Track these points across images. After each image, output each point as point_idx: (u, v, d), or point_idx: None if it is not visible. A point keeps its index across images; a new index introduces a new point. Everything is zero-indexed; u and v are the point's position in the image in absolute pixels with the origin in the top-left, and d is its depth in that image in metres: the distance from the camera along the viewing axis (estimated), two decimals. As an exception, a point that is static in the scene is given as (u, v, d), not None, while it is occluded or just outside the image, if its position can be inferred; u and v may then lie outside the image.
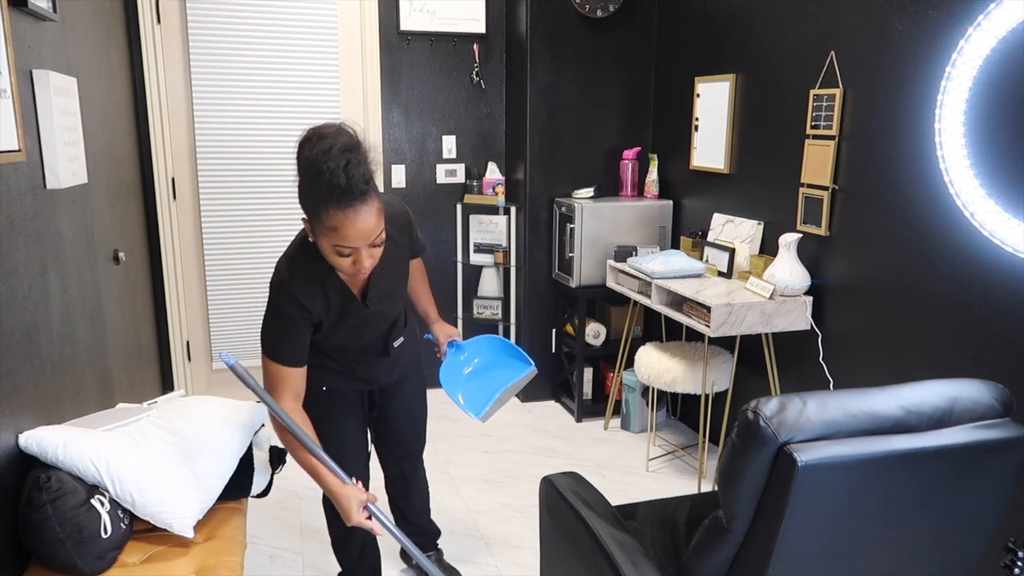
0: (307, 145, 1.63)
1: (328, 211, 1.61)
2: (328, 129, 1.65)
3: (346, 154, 1.59)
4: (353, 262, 1.69)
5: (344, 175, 1.57)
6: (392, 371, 2.20)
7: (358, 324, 1.97)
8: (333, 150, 1.58)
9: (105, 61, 3.06)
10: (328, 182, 1.57)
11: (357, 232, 1.63)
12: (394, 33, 3.98)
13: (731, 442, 1.45)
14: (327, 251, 1.69)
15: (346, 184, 1.57)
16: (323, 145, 1.59)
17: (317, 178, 1.59)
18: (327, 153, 1.58)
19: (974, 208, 2.19)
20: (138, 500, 1.89)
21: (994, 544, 1.62)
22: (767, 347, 3.10)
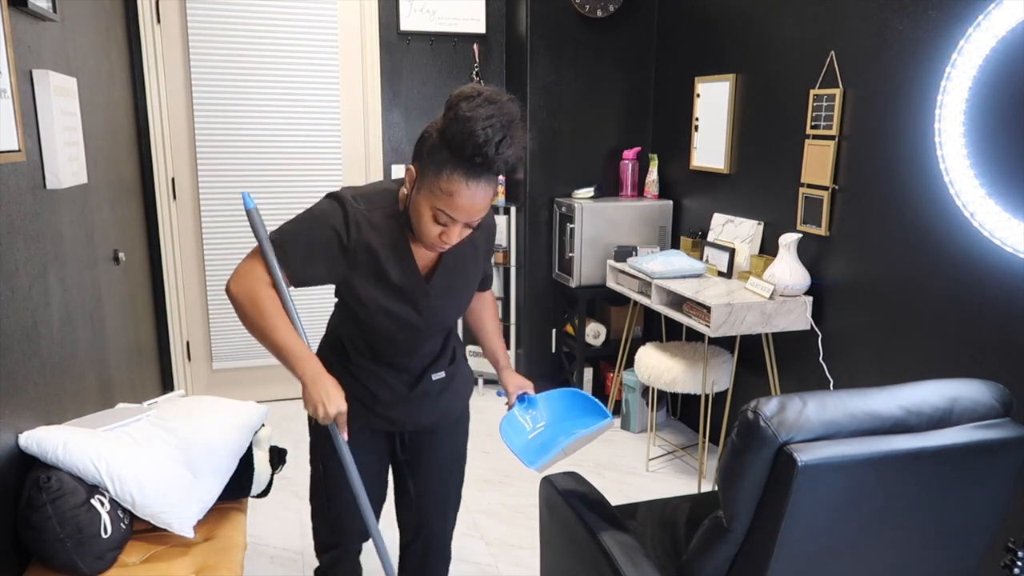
0: (469, 101, 1.44)
1: (453, 174, 1.45)
2: (498, 96, 1.47)
3: (506, 129, 1.44)
4: (441, 234, 1.53)
5: (494, 149, 1.43)
6: (422, 410, 1.82)
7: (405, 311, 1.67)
8: (495, 119, 1.43)
9: (105, 61, 3.06)
10: (474, 148, 1.42)
11: (470, 206, 1.49)
12: (394, 33, 3.98)
13: (731, 442, 1.45)
14: (421, 211, 1.52)
15: (490, 160, 1.44)
16: (488, 110, 1.43)
17: (464, 138, 1.42)
18: (490, 120, 1.42)
19: (974, 208, 2.19)
20: (138, 500, 1.89)
21: (994, 544, 1.62)
22: (767, 347, 3.10)
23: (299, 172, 3.95)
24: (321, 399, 1.52)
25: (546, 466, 1.82)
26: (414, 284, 1.65)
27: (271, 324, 1.54)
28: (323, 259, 1.58)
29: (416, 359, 1.78)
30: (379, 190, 1.64)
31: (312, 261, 1.58)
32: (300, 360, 1.53)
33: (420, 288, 1.66)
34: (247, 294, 1.55)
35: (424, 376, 1.80)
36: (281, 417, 3.94)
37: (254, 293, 1.54)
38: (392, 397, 1.78)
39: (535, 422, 1.94)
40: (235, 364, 4.07)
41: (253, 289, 1.55)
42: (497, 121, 1.43)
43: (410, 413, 1.81)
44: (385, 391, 1.77)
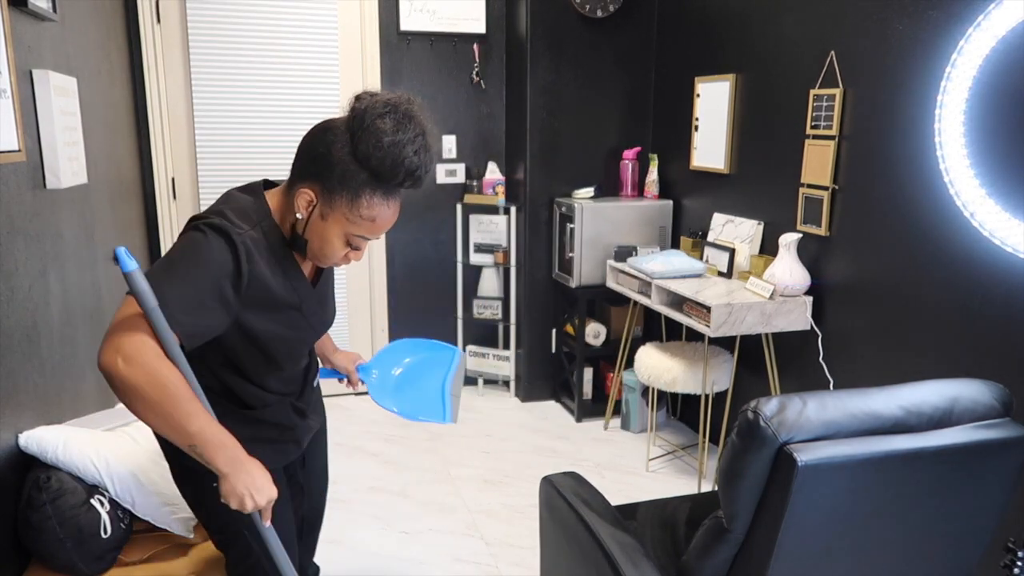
0: (387, 119, 1.33)
1: (374, 198, 1.36)
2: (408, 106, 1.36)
3: (428, 149, 1.37)
4: (347, 254, 1.46)
5: (423, 171, 1.37)
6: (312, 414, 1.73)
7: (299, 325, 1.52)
8: (419, 139, 1.35)
9: (105, 61, 3.06)
10: (405, 173, 1.34)
11: (388, 225, 1.43)
12: (394, 33, 3.98)
13: (731, 442, 1.45)
14: (328, 236, 1.40)
15: (420, 181, 1.38)
16: (413, 129, 1.34)
17: (393, 164, 1.33)
18: (415, 141, 1.34)
19: (974, 208, 2.19)
20: (138, 500, 1.89)
21: (994, 544, 1.62)
22: (767, 347, 3.10)
23: (299, 172, 3.94)
24: (248, 490, 1.28)
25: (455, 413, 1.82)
26: (305, 297, 1.50)
27: (185, 411, 1.23)
28: (216, 307, 1.31)
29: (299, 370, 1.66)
30: (240, 209, 1.41)
31: (204, 313, 1.29)
32: (221, 449, 1.26)
33: (309, 298, 1.52)
34: (149, 378, 1.20)
35: (308, 377, 1.70)
36: (281, 417, 3.94)
37: (158, 375, 1.21)
38: (297, 418, 1.64)
39: (387, 373, 1.90)
40: (235, 364, 4.07)
41: (155, 370, 1.21)
42: (422, 140, 1.36)
43: (308, 424, 1.70)
44: (293, 416, 1.63)
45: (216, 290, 1.30)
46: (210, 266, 1.30)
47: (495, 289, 4.34)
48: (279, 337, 1.46)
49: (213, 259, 1.30)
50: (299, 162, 1.42)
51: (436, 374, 1.90)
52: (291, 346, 1.51)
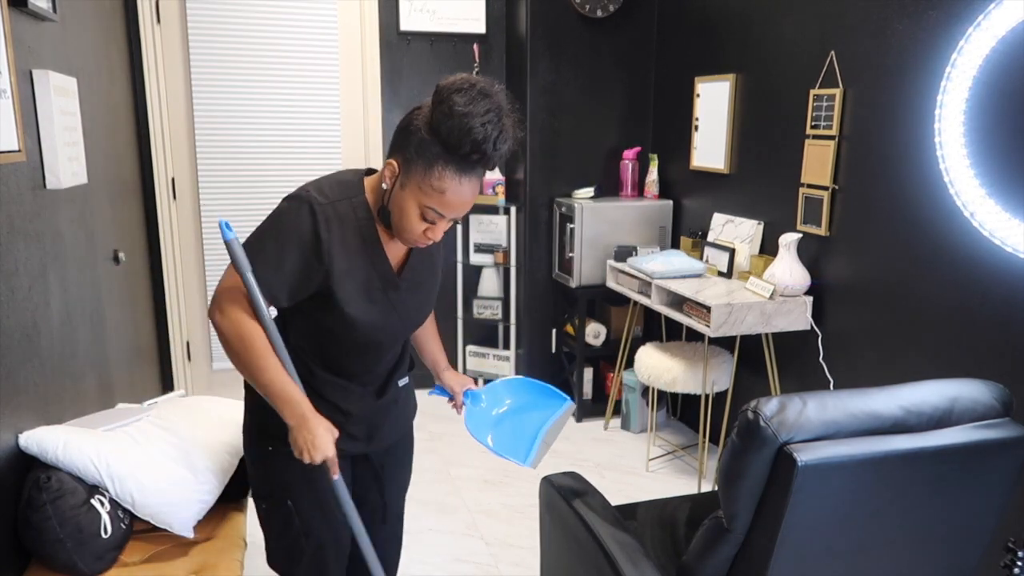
0: (463, 94, 1.37)
1: (446, 171, 1.38)
2: (490, 88, 1.40)
3: (502, 124, 1.38)
4: (426, 230, 1.46)
5: (492, 146, 1.37)
6: (387, 421, 1.72)
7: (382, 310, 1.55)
8: (492, 114, 1.36)
9: (105, 61, 3.06)
10: (472, 145, 1.35)
11: (461, 203, 1.43)
12: (394, 33, 3.98)
13: (731, 442, 1.45)
14: (406, 208, 1.43)
15: (488, 157, 1.38)
16: (484, 104, 1.36)
17: (461, 135, 1.35)
18: (487, 115, 1.36)
19: (974, 208, 2.19)
20: (138, 500, 1.89)
21: (994, 544, 1.62)
22: (767, 347, 3.10)
23: (299, 172, 3.95)
24: (307, 445, 1.42)
25: (537, 459, 1.75)
26: (386, 280, 1.55)
27: (259, 364, 1.43)
28: (303, 274, 1.45)
29: (382, 365, 1.66)
30: (338, 181, 1.52)
31: (292, 281, 1.45)
32: (288, 404, 1.43)
33: (392, 283, 1.56)
34: (235, 331, 1.43)
35: (390, 382, 1.69)
36: (281, 417, 3.94)
37: (241, 330, 1.43)
38: (361, 410, 1.64)
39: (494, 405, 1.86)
40: (235, 364, 4.07)
41: (240, 325, 1.43)
42: (494, 116, 1.37)
43: (376, 427, 1.69)
44: (354, 404, 1.63)
45: (297, 255, 1.43)
46: (290, 234, 1.43)
47: (495, 289, 4.34)
48: (360, 310, 1.51)
49: (293, 227, 1.43)
50: (392, 139, 1.48)
51: (537, 417, 1.86)
52: (369, 323, 1.53)
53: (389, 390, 1.69)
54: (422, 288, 1.65)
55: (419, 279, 1.63)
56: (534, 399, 1.90)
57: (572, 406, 1.90)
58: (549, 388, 1.91)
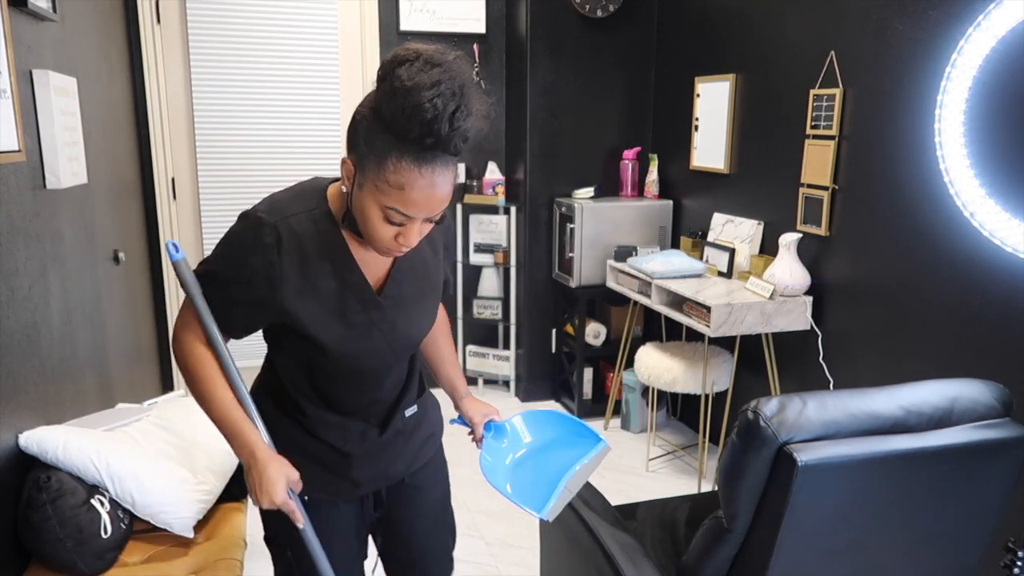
0: (407, 65, 1.13)
1: (401, 162, 1.14)
2: (441, 55, 1.15)
3: (459, 97, 1.12)
4: (397, 235, 1.22)
5: (447, 125, 1.11)
6: (397, 457, 1.51)
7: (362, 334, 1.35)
8: (444, 86, 1.11)
9: (105, 61, 3.06)
10: (422, 126, 1.11)
11: (427, 199, 1.17)
12: (394, 33, 3.98)
13: (731, 442, 1.45)
14: (367, 211, 1.21)
15: (444, 138, 1.12)
16: (433, 75, 1.11)
17: (408, 115, 1.11)
18: (435, 87, 1.10)
19: (974, 208, 2.19)
20: (138, 500, 1.89)
21: (994, 544, 1.62)
22: (767, 347, 3.10)
23: (299, 172, 3.94)
24: (256, 486, 1.27)
25: (555, 510, 1.50)
26: (363, 297, 1.34)
27: (208, 395, 1.30)
28: (252, 305, 1.29)
29: (382, 394, 1.45)
30: (297, 193, 1.33)
31: (242, 311, 1.31)
32: (236, 438, 1.29)
33: (370, 301, 1.34)
34: (184, 360, 1.32)
35: (395, 414, 1.47)
36: (281, 417, 3.94)
37: (190, 358, 1.31)
38: (362, 450, 1.44)
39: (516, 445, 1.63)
40: (235, 364, 4.07)
41: (189, 353, 1.31)
42: (446, 88, 1.11)
43: (383, 466, 1.49)
44: (354, 444, 1.43)
45: (243, 285, 1.28)
46: (235, 260, 1.28)
47: (495, 289, 4.34)
48: (334, 338, 1.32)
49: (238, 251, 1.28)
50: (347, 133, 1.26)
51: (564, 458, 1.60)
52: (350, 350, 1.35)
53: (393, 423, 1.47)
54: (411, 303, 1.41)
55: (406, 293, 1.40)
56: (563, 437, 1.66)
57: (606, 448, 1.65)
58: (581, 425, 1.68)
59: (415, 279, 1.41)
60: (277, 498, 1.27)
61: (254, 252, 1.26)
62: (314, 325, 1.30)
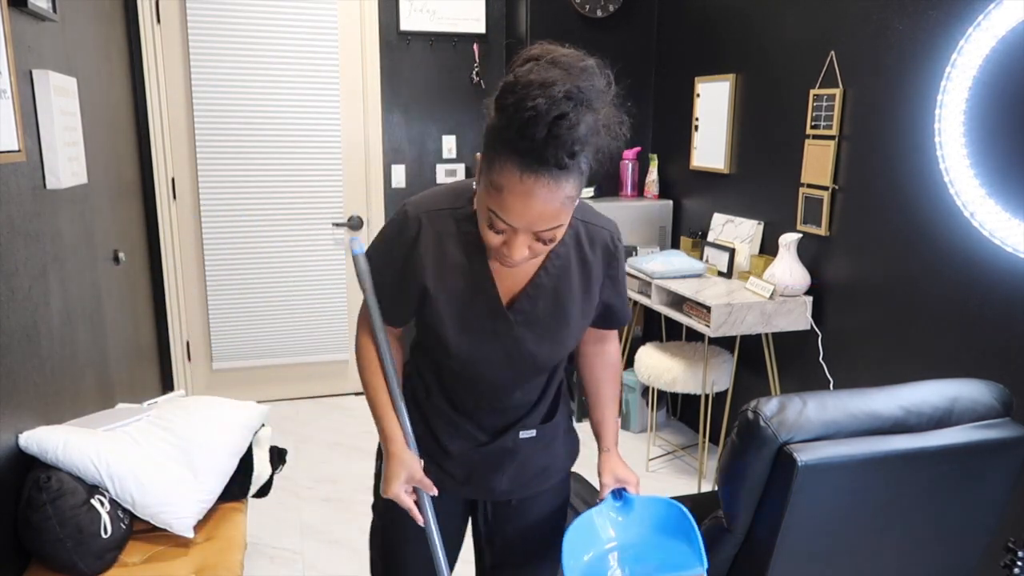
0: (532, 63, 1.09)
1: (507, 162, 1.08)
2: (571, 60, 1.09)
3: (568, 103, 1.03)
4: (502, 243, 1.17)
5: (545, 129, 1.03)
6: (500, 472, 1.46)
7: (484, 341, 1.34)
8: (556, 88, 1.03)
9: (105, 61, 3.06)
10: (521, 125, 1.05)
11: (523, 208, 1.10)
12: (394, 33, 3.98)
13: (731, 442, 1.45)
14: (480, 208, 1.18)
15: (541, 142, 1.04)
16: (550, 75, 1.05)
17: (511, 111, 1.06)
18: (546, 88, 1.03)
19: (974, 208, 2.19)
20: (138, 500, 1.89)
21: (994, 544, 1.62)
22: (767, 347, 3.09)
23: (299, 172, 3.95)
24: (386, 477, 1.35)
25: None
26: (492, 307, 1.31)
27: (366, 384, 1.42)
28: (403, 290, 1.33)
29: (502, 405, 1.42)
30: (449, 189, 1.33)
31: (397, 296, 1.35)
32: (381, 432, 1.39)
33: (497, 312, 1.32)
34: (356, 349, 1.44)
35: (509, 430, 1.43)
36: (281, 417, 3.95)
37: (358, 349, 1.43)
38: (465, 451, 1.44)
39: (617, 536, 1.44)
40: (235, 364, 4.07)
41: (358, 343, 1.43)
42: (558, 91, 1.03)
43: (484, 475, 1.46)
44: (457, 444, 1.44)
45: (393, 271, 1.33)
46: (388, 247, 1.34)
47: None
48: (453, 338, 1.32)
49: (390, 239, 1.33)
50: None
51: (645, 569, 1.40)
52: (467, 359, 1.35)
53: (504, 438, 1.43)
54: (545, 325, 1.34)
55: (542, 313, 1.33)
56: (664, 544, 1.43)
57: (701, 573, 1.38)
58: (694, 536, 1.40)
59: (555, 301, 1.34)
60: (389, 491, 1.34)
61: (397, 243, 1.31)
62: (441, 321, 1.32)
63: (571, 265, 1.34)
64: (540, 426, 1.47)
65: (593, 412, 1.57)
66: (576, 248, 1.35)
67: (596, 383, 1.55)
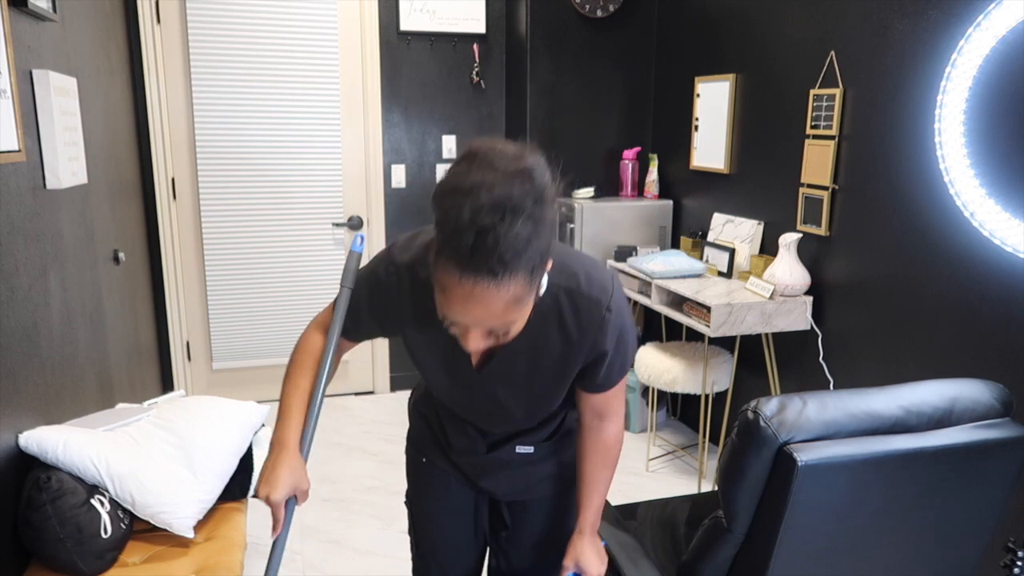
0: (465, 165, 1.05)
1: (445, 262, 1.04)
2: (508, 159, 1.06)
3: (495, 214, 0.99)
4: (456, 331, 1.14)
5: (472, 240, 0.99)
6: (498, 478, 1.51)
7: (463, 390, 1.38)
8: (483, 198, 0.99)
9: (105, 61, 3.06)
10: (450, 233, 1.02)
11: (466, 309, 1.07)
12: (394, 33, 3.98)
13: (731, 442, 1.45)
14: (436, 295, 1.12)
15: (468, 252, 1.00)
16: (481, 178, 1.01)
17: (444, 217, 1.03)
18: (473, 197, 1.00)
19: (974, 208, 2.19)
20: (138, 500, 1.89)
21: (994, 544, 1.62)
22: (767, 347, 3.10)
23: (299, 172, 3.95)
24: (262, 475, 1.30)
25: None
26: (464, 361, 1.31)
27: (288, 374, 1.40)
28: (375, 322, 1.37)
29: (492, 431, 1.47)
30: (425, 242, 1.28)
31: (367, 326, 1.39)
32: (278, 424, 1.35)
33: (470, 369, 1.32)
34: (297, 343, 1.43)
35: (506, 444, 1.46)
36: (281, 417, 3.94)
37: (300, 342, 1.43)
38: (466, 448, 1.49)
39: None
40: (235, 364, 4.07)
41: (303, 337, 1.43)
42: (486, 199, 0.99)
43: (482, 475, 1.51)
44: (460, 440, 1.48)
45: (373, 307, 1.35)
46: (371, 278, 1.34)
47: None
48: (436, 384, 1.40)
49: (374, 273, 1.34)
50: None
51: None
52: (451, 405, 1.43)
53: (499, 451, 1.47)
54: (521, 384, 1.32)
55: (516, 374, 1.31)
56: None
57: None
58: None
59: (530, 363, 1.31)
60: (272, 496, 1.28)
61: (380, 284, 1.32)
62: (421, 364, 1.38)
63: (550, 333, 1.27)
64: (542, 444, 1.49)
65: (578, 487, 1.49)
66: (557, 319, 1.26)
67: (584, 459, 1.47)
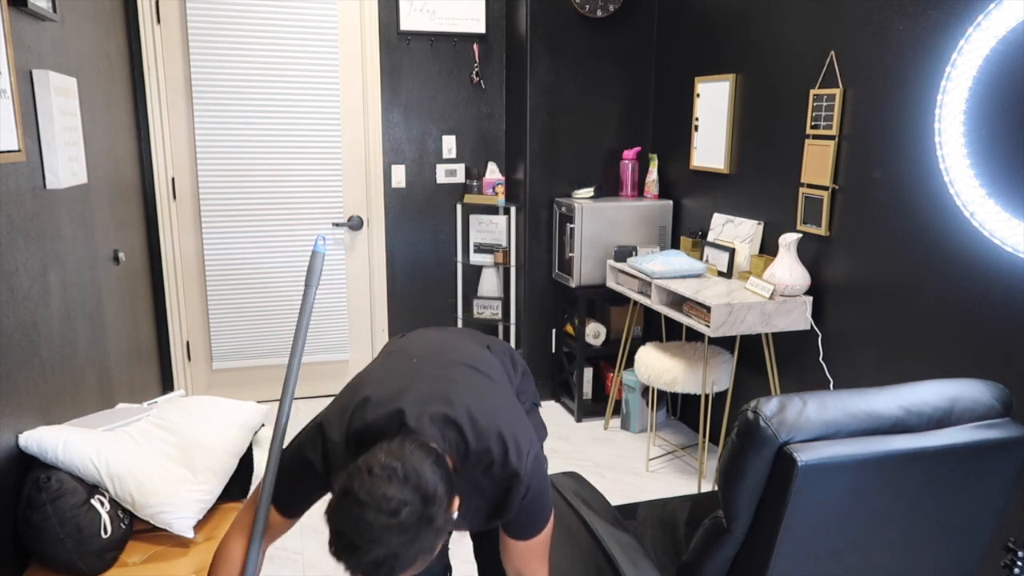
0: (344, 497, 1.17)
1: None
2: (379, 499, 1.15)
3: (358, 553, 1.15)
4: None
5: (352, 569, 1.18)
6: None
7: None
8: (346, 533, 1.16)
9: (105, 61, 3.06)
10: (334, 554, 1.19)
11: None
12: (394, 33, 3.98)
13: (731, 442, 1.45)
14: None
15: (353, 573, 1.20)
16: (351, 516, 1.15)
17: (330, 537, 1.20)
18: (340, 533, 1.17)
19: (974, 208, 2.19)
20: (138, 500, 1.89)
21: (994, 544, 1.62)
22: (767, 347, 3.10)
23: (299, 172, 3.95)
24: None
25: None
26: None
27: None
28: (304, 488, 1.49)
29: None
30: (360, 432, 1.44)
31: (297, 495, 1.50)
32: None
33: None
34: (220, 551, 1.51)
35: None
36: (281, 417, 3.94)
37: (223, 548, 1.50)
38: None
39: None
40: (235, 364, 4.07)
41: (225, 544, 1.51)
42: (347, 539, 1.14)
43: None
44: None
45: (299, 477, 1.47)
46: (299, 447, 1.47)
47: (495, 289, 4.34)
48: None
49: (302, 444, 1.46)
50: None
51: None
52: None
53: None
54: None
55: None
56: None
57: None
58: None
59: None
60: None
61: (306, 456, 1.43)
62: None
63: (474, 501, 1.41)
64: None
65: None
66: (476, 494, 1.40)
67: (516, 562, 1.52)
